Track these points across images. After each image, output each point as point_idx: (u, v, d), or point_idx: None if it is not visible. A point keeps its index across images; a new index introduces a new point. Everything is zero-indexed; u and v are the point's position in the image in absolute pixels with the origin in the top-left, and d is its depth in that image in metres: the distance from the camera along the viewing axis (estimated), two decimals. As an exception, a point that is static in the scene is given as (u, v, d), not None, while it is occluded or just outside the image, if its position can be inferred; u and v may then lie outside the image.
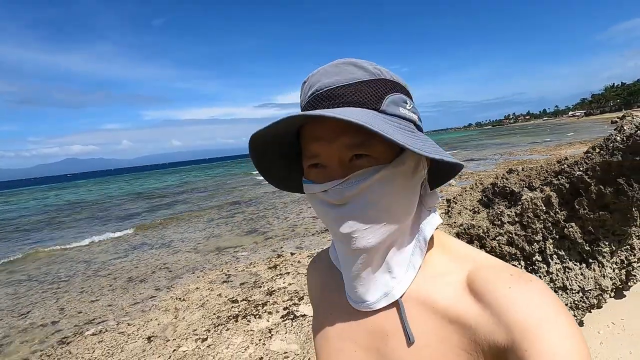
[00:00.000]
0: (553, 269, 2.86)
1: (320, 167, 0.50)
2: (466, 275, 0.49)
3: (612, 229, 2.75)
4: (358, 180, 0.46)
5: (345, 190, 0.46)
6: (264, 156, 0.55)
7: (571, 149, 18.17)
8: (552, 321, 0.40)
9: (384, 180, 0.46)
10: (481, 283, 0.46)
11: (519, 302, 0.42)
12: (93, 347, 4.14)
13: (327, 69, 0.49)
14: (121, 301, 5.54)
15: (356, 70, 0.48)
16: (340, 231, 0.48)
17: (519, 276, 0.45)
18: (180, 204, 18.10)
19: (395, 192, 0.48)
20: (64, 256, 9.38)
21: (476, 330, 0.44)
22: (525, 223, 2.93)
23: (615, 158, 2.57)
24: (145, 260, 7.87)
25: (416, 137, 0.47)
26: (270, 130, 0.45)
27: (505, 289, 0.44)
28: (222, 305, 4.75)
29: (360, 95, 0.47)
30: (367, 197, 0.46)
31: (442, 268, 0.52)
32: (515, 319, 0.41)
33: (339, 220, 0.48)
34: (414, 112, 0.51)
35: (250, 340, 3.73)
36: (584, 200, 2.75)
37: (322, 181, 0.49)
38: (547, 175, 3.03)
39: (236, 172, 44.50)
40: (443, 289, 0.50)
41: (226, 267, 6.48)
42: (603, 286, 2.76)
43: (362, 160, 0.47)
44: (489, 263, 0.50)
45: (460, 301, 0.47)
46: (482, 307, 0.44)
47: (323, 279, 0.66)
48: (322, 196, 0.49)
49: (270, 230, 9.14)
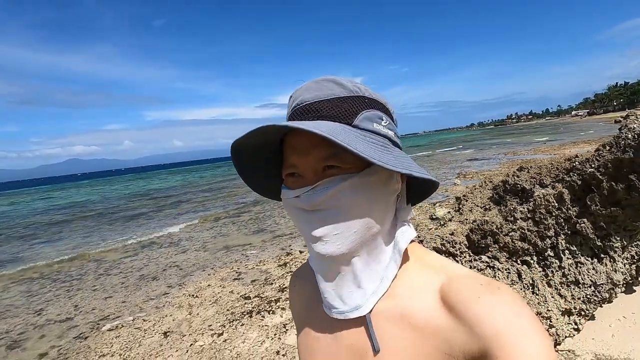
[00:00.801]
0: (565, 263, 2.92)
1: (297, 176, 0.52)
2: (439, 286, 0.50)
3: (624, 224, 2.81)
4: (326, 187, 0.48)
5: (315, 196, 0.49)
6: (245, 162, 0.58)
7: (575, 148, 18.18)
8: (521, 328, 0.41)
9: (351, 189, 0.48)
10: (453, 295, 0.48)
11: (489, 311, 0.44)
12: (111, 342, 4.24)
13: (309, 84, 0.53)
14: (135, 298, 5.64)
15: (335, 87, 0.51)
16: (312, 235, 0.50)
17: (488, 285, 0.47)
18: (184, 203, 18.22)
19: (365, 201, 0.49)
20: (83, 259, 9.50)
21: (450, 342, 0.46)
22: (538, 219, 2.99)
23: (627, 155, 2.63)
24: (155, 258, 7.97)
25: (387, 151, 0.49)
26: (249, 139, 0.48)
27: (476, 299, 0.45)
28: (235, 302, 4.84)
29: (335, 110, 0.50)
30: (335, 204, 0.49)
31: (417, 280, 0.53)
32: (486, 327, 0.42)
33: (309, 225, 0.50)
34: (390, 128, 0.53)
35: (266, 335, 3.81)
36: (595, 197, 2.81)
37: (296, 188, 0.52)
38: (558, 173, 3.10)
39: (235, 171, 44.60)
40: (418, 301, 0.51)
41: (236, 265, 6.57)
42: (615, 280, 2.83)
43: (333, 170, 0.49)
44: (460, 274, 0.51)
45: (435, 314, 0.48)
46: (455, 318, 0.46)
47: (306, 292, 0.67)
48: (295, 202, 0.51)
49: (277, 229, 9.22)
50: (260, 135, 0.48)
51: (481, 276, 0.50)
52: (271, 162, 0.58)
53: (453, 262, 0.55)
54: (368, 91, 0.53)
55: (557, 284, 2.86)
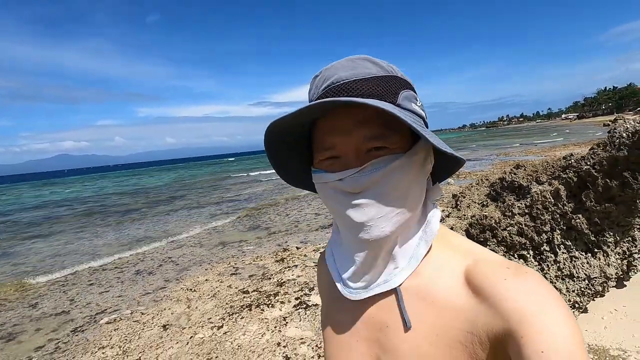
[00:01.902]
0: (560, 258, 3.02)
1: (334, 158, 0.51)
2: (465, 268, 0.50)
3: (617, 220, 2.91)
4: (376, 169, 0.47)
5: (362, 179, 0.47)
6: (278, 149, 0.56)
7: (565, 150, 18.49)
8: (547, 308, 0.41)
9: (399, 169, 0.48)
10: (479, 276, 0.48)
11: (514, 292, 0.43)
12: (110, 334, 4.24)
13: (343, 63, 0.51)
14: (132, 292, 5.63)
15: (371, 66, 0.50)
16: (354, 220, 0.49)
17: (516, 269, 0.47)
18: (178, 200, 18.13)
19: (409, 182, 0.49)
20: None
21: (474, 322, 0.46)
22: (535, 214, 3.08)
23: (622, 153, 2.73)
24: (150, 253, 7.95)
25: (426, 131, 0.49)
26: (290, 120, 0.47)
27: (502, 281, 0.45)
28: (234, 296, 4.87)
29: (378, 89, 0.48)
30: (383, 186, 0.48)
31: (443, 261, 0.53)
32: (511, 307, 0.42)
33: (353, 208, 0.49)
34: (423, 109, 0.54)
35: (266, 328, 3.85)
36: (590, 193, 2.91)
37: (337, 170, 0.50)
38: (554, 170, 3.19)
39: (232, 170, 44.48)
40: (443, 281, 0.51)
41: (233, 260, 6.59)
42: (608, 274, 2.93)
43: (380, 151, 0.48)
44: (487, 257, 0.51)
45: (459, 294, 0.48)
46: (480, 299, 0.46)
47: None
48: (337, 185, 0.50)
49: (273, 226, 9.25)
50: (297, 117, 0.46)
51: (508, 260, 0.49)
52: (297, 149, 0.57)
53: (480, 245, 0.55)
54: (400, 72, 0.53)
55: (552, 277, 2.95)
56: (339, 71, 0.50)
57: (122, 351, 3.81)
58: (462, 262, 0.51)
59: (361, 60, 0.51)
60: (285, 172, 0.61)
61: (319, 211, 10.41)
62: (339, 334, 0.60)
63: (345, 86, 0.48)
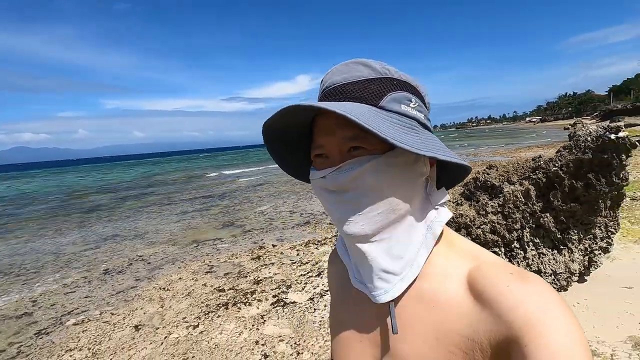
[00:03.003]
0: (529, 254, 3.18)
1: (324, 157, 0.53)
2: (467, 272, 0.50)
3: (581, 219, 3.10)
4: (351, 168, 0.49)
5: (339, 177, 0.50)
6: (277, 144, 0.59)
7: (530, 152, 19.39)
8: (551, 315, 0.40)
9: (375, 170, 0.48)
10: (481, 281, 0.47)
11: (518, 299, 0.43)
12: (77, 336, 4.06)
13: (339, 67, 0.53)
14: (100, 292, 5.41)
15: (363, 69, 0.52)
16: (337, 216, 0.51)
17: (519, 274, 0.46)
18: (148, 196, 17.55)
19: (389, 183, 0.49)
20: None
21: (475, 328, 0.45)
22: (507, 213, 3.23)
23: (587, 156, 2.91)
24: (120, 251, 7.66)
25: (413, 133, 0.49)
26: (278, 119, 0.50)
27: (505, 287, 0.45)
28: (210, 294, 4.79)
29: (363, 92, 0.50)
30: (360, 185, 0.49)
31: (445, 264, 0.53)
32: (514, 314, 0.42)
33: (335, 205, 0.51)
34: (420, 110, 0.53)
35: (244, 326, 3.82)
36: (558, 193, 3.08)
37: (323, 169, 0.53)
38: (525, 171, 3.35)
39: (204, 166, 43.52)
40: (444, 285, 0.51)
41: (207, 258, 6.47)
42: (572, 269, 3.11)
43: (358, 151, 0.50)
44: (490, 260, 0.51)
45: (461, 299, 0.48)
46: (482, 305, 0.46)
47: (342, 269, 0.68)
48: (321, 182, 0.53)
49: (247, 223, 9.15)
50: (289, 116, 0.49)
51: (511, 265, 0.49)
52: (303, 146, 0.60)
53: (483, 249, 0.55)
54: (398, 73, 0.53)
55: (522, 273, 3.10)
56: (334, 75, 0.53)
57: (92, 353, 3.66)
58: (464, 265, 0.52)
59: (354, 64, 0.53)
60: (287, 166, 0.64)
61: (293, 209, 10.40)
62: (345, 333, 0.61)
63: (336, 90, 0.51)
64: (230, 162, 50.03)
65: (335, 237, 6.82)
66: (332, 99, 0.51)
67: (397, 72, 0.53)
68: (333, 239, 6.76)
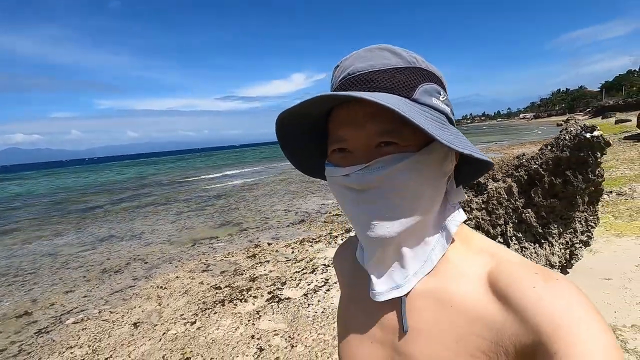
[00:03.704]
0: (512, 249, 3.32)
1: (345, 152, 0.49)
2: (487, 271, 0.47)
3: (561, 214, 3.25)
4: (382, 166, 0.45)
5: (367, 176, 0.46)
6: (290, 138, 0.55)
7: (522, 148, 19.64)
8: (582, 321, 0.38)
9: (408, 169, 0.45)
10: (505, 281, 0.44)
11: (546, 302, 0.40)
12: (77, 334, 4.16)
13: (361, 53, 0.49)
14: (98, 291, 5.51)
15: (391, 57, 0.48)
16: (360, 218, 0.48)
17: (545, 275, 0.43)
18: (143, 196, 17.58)
19: (419, 183, 0.46)
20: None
21: (500, 331, 0.42)
22: (490, 209, 3.37)
23: (564, 154, 3.05)
24: (116, 251, 7.75)
25: (446, 129, 0.46)
26: (298, 109, 0.46)
27: (530, 289, 0.42)
28: (206, 292, 4.90)
29: (394, 82, 0.46)
30: (389, 185, 0.46)
31: (463, 263, 0.51)
32: (542, 319, 0.39)
33: (358, 206, 0.48)
34: (447, 104, 0.50)
35: (240, 322, 3.94)
36: (538, 190, 3.23)
37: (345, 165, 0.48)
38: (509, 169, 3.49)
39: (199, 166, 43.48)
40: (462, 284, 0.48)
41: (204, 257, 6.57)
42: (552, 262, 3.26)
43: (389, 147, 0.46)
44: (512, 260, 0.48)
45: (482, 300, 0.45)
46: (506, 307, 0.43)
47: (350, 266, 0.66)
48: (343, 181, 0.48)
49: (244, 222, 9.26)
50: (306, 107, 0.45)
51: (534, 264, 0.46)
52: (314, 139, 0.57)
53: (504, 247, 0.52)
54: (425, 63, 0.50)
55: (505, 266, 3.25)
56: (356, 62, 0.48)
57: (92, 350, 3.76)
58: (483, 264, 0.49)
59: (380, 50, 0.48)
60: (299, 162, 0.61)
61: (289, 207, 10.52)
62: (355, 334, 0.58)
63: (360, 77, 0.47)
64: (225, 161, 50.01)
65: (329, 235, 6.95)
66: (357, 87, 0.47)
67: (424, 61, 0.50)
68: (327, 236, 6.90)
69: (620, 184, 7.40)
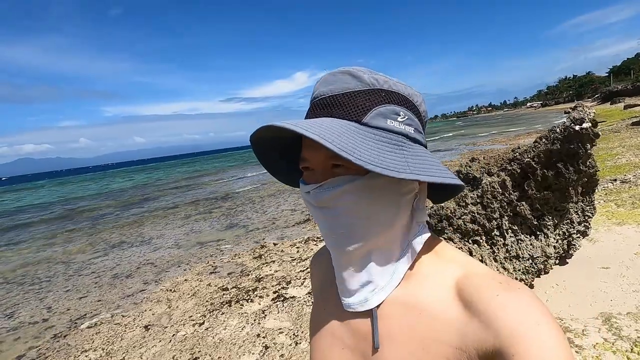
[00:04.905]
0: (508, 241, 3.38)
1: (309, 170, 0.53)
2: (455, 280, 0.50)
3: (554, 205, 3.30)
4: (332, 187, 0.48)
5: (321, 194, 0.49)
6: (266, 154, 0.60)
7: (529, 138, 19.47)
8: (538, 327, 0.41)
9: (355, 190, 0.48)
10: (470, 290, 0.47)
11: (507, 309, 0.43)
12: (91, 338, 4.32)
13: (327, 77, 0.52)
14: (110, 296, 5.68)
15: (351, 80, 0.49)
16: (321, 230, 0.53)
17: (507, 284, 0.46)
18: (151, 202, 17.86)
19: (370, 203, 0.49)
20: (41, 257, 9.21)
21: (464, 337, 0.45)
22: (485, 203, 3.43)
23: (555, 147, 3.10)
24: (127, 257, 7.94)
25: (398, 151, 0.47)
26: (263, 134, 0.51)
27: (494, 297, 0.44)
28: (214, 293, 5.03)
29: (346, 107, 0.48)
30: (340, 204, 0.49)
31: (432, 273, 0.53)
32: (503, 325, 0.42)
33: (319, 220, 0.52)
34: (409, 124, 0.51)
35: (246, 321, 4.06)
36: (532, 182, 3.28)
37: (308, 183, 0.53)
38: (503, 163, 3.54)
39: (206, 169, 43.85)
40: (432, 293, 0.50)
41: (212, 260, 6.72)
42: (548, 253, 3.32)
43: (339, 169, 0.49)
44: (477, 270, 0.51)
45: (449, 307, 0.48)
46: (471, 313, 0.45)
47: (324, 272, 0.68)
48: (306, 197, 0.53)
49: (250, 224, 9.39)
50: (272, 131, 0.49)
51: (499, 274, 0.50)
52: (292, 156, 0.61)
53: (471, 258, 0.55)
54: (388, 83, 0.51)
55: (501, 259, 3.31)
56: (320, 86, 0.52)
57: (106, 353, 3.92)
58: (452, 274, 0.51)
59: (342, 74, 0.50)
60: (279, 175, 0.65)
61: (295, 207, 10.63)
62: (326, 339, 0.60)
63: (321, 102, 0.50)
64: (232, 163, 50.35)
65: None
66: (317, 112, 0.50)
67: (387, 81, 0.51)
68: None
69: (625, 171, 7.35)
